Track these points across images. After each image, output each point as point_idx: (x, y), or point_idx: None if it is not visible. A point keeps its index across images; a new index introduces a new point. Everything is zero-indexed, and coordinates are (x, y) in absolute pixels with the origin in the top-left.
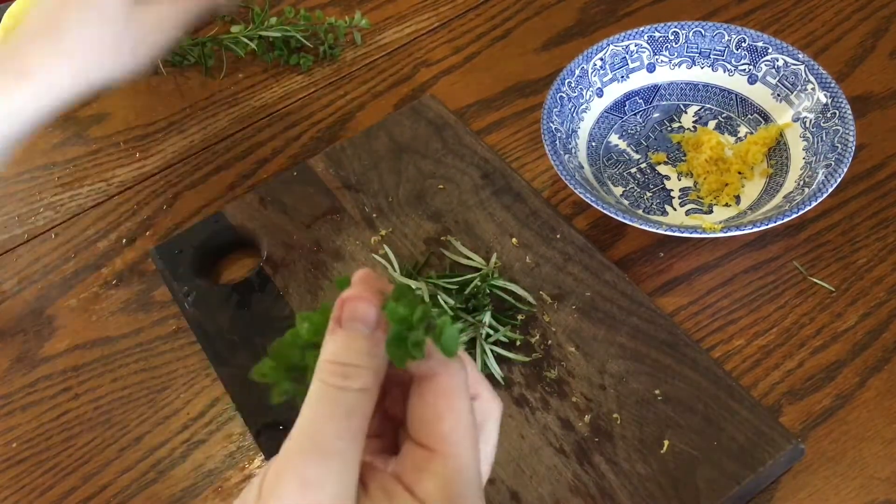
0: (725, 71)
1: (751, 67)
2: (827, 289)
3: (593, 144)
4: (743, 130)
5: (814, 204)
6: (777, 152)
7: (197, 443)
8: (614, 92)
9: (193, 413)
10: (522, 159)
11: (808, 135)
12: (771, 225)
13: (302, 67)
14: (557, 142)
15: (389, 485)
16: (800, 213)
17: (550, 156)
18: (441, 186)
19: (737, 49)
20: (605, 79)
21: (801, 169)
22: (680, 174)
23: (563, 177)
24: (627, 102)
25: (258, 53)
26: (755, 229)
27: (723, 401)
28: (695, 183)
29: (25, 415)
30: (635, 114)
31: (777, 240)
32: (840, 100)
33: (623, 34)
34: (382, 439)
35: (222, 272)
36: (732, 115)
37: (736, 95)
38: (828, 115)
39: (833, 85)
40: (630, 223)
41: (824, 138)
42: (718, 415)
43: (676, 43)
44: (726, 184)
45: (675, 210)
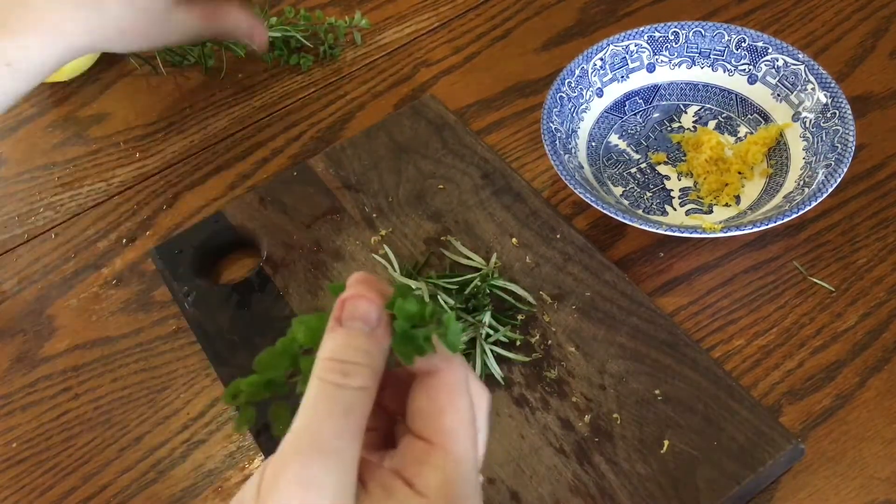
0: (725, 71)
1: (751, 67)
2: (827, 289)
3: (593, 144)
4: (743, 130)
5: (814, 204)
6: (777, 152)
7: (197, 443)
8: (614, 92)
9: (193, 413)
10: (522, 159)
11: (808, 135)
12: (771, 225)
13: (302, 67)
14: (557, 142)
15: (388, 481)
16: (800, 213)
17: (550, 156)
18: (441, 186)
19: (737, 49)
20: (605, 79)
21: (801, 169)
22: (680, 174)
23: (563, 177)
24: (627, 102)
25: (258, 54)
26: (755, 229)
27: (723, 401)
28: (695, 183)
29: (25, 415)
30: (635, 114)
31: (777, 240)
32: (840, 100)
33: (623, 34)
34: (377, 433)
35: (222, 272)
36: (732, 115)
37: (736, 95)
38: (828, 115)
39: (833, 85)
40: (630, 223)
41: (824, 138)
42: (718, 415)
43: (676, 43)
44: (726, 184)
45: (675, 210)
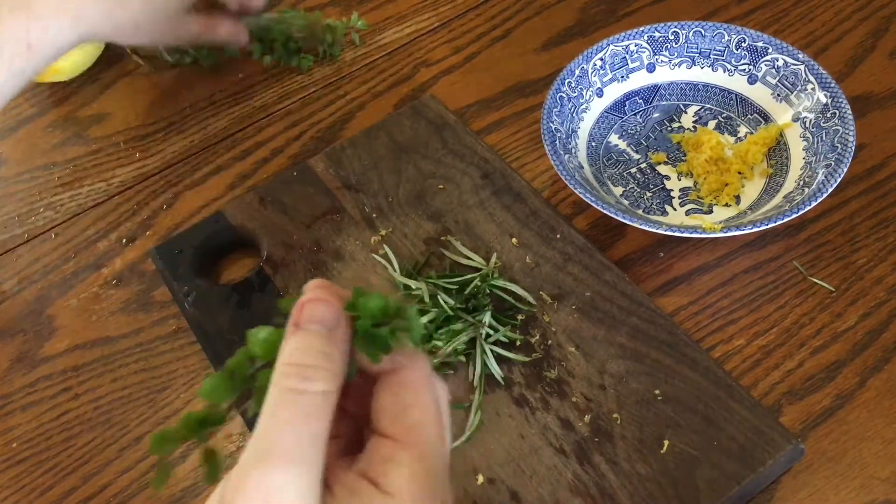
0: (725, 71)
1: (751, 67)
2: (827, 289)
3: (593, 144)
4: (743, 130)
5: (814, 204)
6: (777, 152)
7: (197, 443)
8: (614, 92)
9: None
10: (522, 159)
11: (808, 135)
12: (771, 225)
13: (301, 69)
14: (557, 142)
15: (354, 483)
16: (800, 213)
17: (550, 156)
18: (441, 186)
19: (737, 49)
20: (605, 79)
21: (801, 169)
22: (680, 174)
23: (563, 177)
24: (627, 102)
25: (258, 55)
26: (755, 229)
27: (723, 401)
28: (695, 183)
29: (25, 415)
30: (635, 114)
31: (777, 240)
32: (840, 100)
33: (623, 34)
34: (343, 440)
35: (222, 272)
36: (732, 115)
37: (736, 95)
38: (828, 115)
39: (833, 85)
40: (630, 223)
41: (824, 138)
42: (718, 415)
43: (676, 43)
44: (726, 184)
45: (675, 210)
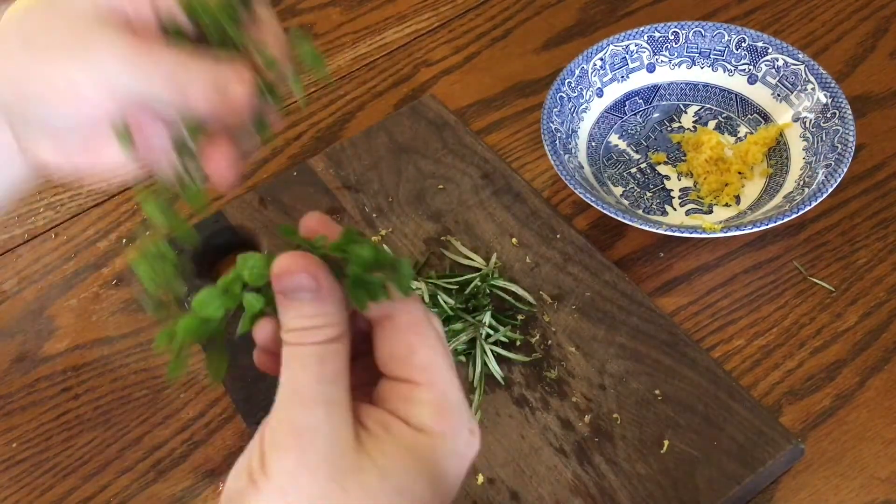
0: (725, 71)
1: (751, 67)
2: (827, 289)
3: (593, 144)
4: (743, 130)
5: (814, 204)
6: (777, 152)
7: (197, 443)
8: (614, 92)
9: (193, 413)
10: (522, 159)
11: (808, 135)
12: (771, 225)
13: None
14: (557, 142)
15: (385, 418)
16: (800, 213)
17: (550, 156)
18: (441, 186)
19: (737, 49)
20: (605, 79)
21: (801, 169)
22: (680, 174)
23: (563, 177)
24: (627, 102)
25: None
26: (755, 229)
27: (723, 401)
28: (695, 183)
29: (25, 415)
30: (635, 114)
31: (777, 240)
32: (840, 100)
33: (623, 34)
34: (366, 385)
35: (222, 272)
36: (732, 115)
37: (736, 95)
38: (828, 115)
39: (833, 85)
40: (630, 223)
41: (824, 138)
42: (718, 415)
43: (676, 43)
44: (726, 184)
45: (675, 210)
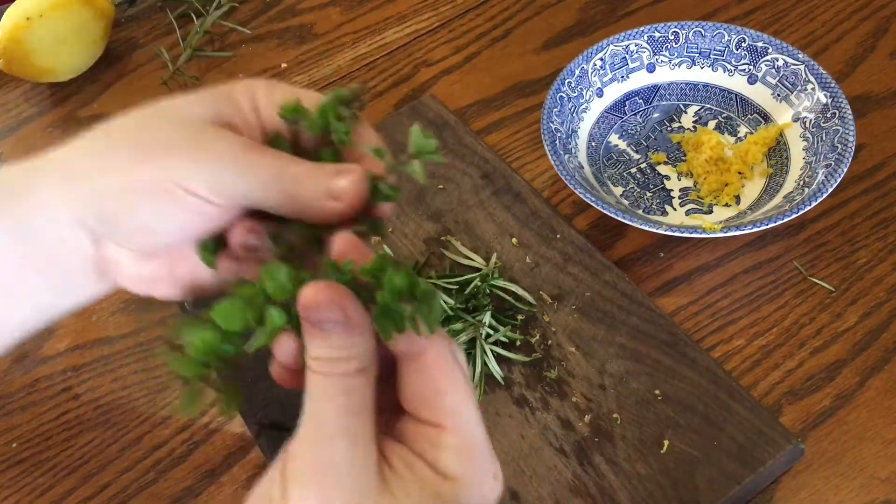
0: (725, 71)
1: (751, 67)
2: (827, 289)
3: (593, 144)
4: (743, 130)
5: (814, 204)
6: (777, 152)
7: (197, 443)
8: (614, 92)
9: (193, 413)
10: (522, 159)
11: (808, 135)
12: (771, 225)
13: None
14: (557, 142)
15: (410, 458)
16: (800, 213)
17: (550, 156)
18: (441, 186)
19: (737, 49)
20: (605, 79)
21: (801, 169)
22: (680, 174)
23: (563, 177)
24: (627, 102)
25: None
26: (755, 229)
27: (723, 401)
28: (695, 183)
29: (25, 415)
30: (635, 114)
31: (777, 240)
32: (840, 100)
33: (623, 34)
34: (386, 413)
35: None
36: (732, 115)
37: (736, 95)
38: (828, 115)
39: (833, 85)
40: (630, 223)
41: (824, 138)
42: (718, 415)
43: (676, 43)
44: (726, 184)
45: (675, 210)
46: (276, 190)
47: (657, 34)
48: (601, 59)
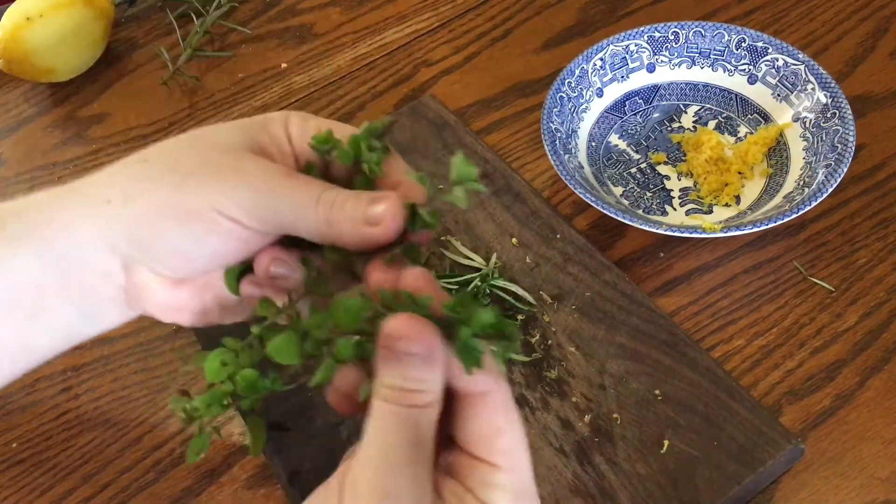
0: (725, 71)
1: (751, 67)
2: (827, 289)
3: (593, 144)
4: (743, 130)
5: (814, 204)
6: (777, 152)
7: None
8: (614, 92)
9: None
10: (522, 159)
11: (808, 135)
12: (771, 225)
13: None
14: (557, 142)
15: (463, 494)
16: (800, 213)
17: (550, 156)
18: (441, 186)
19: (737, 49)
20: (605, 79)
21: (801, 169)
22: (680, 174)
23: (563, 177)
24: (627, 102)
25: None
26: (755, 229)
27: (723, 401)
28: (695, 183)
29: (25, 415)
30: (635, 114)
31: (777, 240)
32: (840, 100)
33: (623, 34)
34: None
35: None
36: (732, 115)
37: (736, 95)
38: (828, 115)
39: (833, 85)
40: (630, 223)
41: (824, 138)
42: (718, 415)
43: (676, 43)
44: (726, 184)
45: (675, 210)
46: (314, 215)
47: (657, 34)
48: (601, 59)
